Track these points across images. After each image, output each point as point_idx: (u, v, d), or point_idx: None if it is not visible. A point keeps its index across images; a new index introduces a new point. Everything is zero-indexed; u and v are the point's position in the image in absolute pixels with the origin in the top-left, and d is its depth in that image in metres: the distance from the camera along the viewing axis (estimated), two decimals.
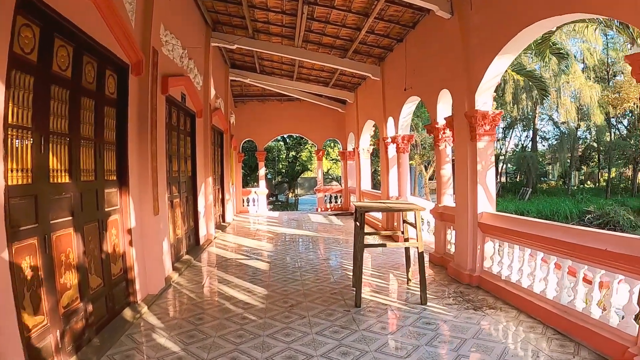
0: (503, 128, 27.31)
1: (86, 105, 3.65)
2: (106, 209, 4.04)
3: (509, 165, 30.55)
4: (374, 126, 11.48)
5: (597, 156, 28.21)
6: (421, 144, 14.17)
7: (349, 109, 13.26)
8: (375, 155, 14.64)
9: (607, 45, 24.98)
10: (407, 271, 5.17)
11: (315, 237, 9.06)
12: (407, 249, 5.19)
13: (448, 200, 6.25)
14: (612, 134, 26.26)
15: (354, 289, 4.89)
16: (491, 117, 5.15)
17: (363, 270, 4.65)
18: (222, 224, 10.88)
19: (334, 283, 5.25)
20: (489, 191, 5.22)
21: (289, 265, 6.26)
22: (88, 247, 3.62)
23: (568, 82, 22.55)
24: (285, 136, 28.12)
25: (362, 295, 4.50)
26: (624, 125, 27.44)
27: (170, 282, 5.37)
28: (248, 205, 14.56)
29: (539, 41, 9.40)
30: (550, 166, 31.31)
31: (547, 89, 14.74)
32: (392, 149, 8.70)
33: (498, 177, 25.31)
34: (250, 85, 13.11)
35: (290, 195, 27.54)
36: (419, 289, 4.78)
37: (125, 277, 4.40)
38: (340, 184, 17.31)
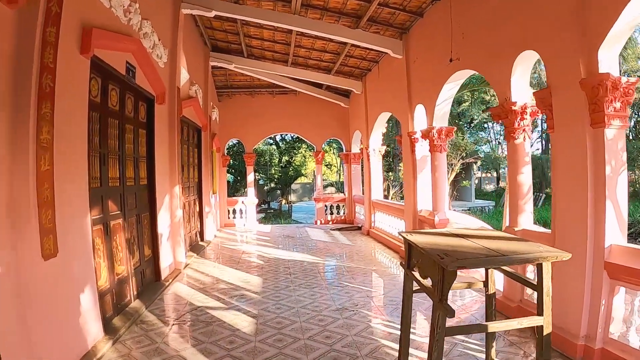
0: None
1: None
2: None
3: None
4: (387, 121, 9.41)
5: None
6: None
7: (354, 102, 11.14)
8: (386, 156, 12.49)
9: None
10: (489, 347, 3.06)
11: (319, 265, 6.89)
12: (490, 305, 3.07)
13: (527, 220, 4.19)
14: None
15: None
16: (623, 88, 3.13)
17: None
18: (199, 243, 8.70)
19: None
20: (621, 211, 3.17)
21: (287, 324, 4.09)
22: None
23: None
24: (277, 139, 26.05)
25: None
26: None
27: None
28: (234, 218, 12.37)
29: None
30: None
31: None
32: (421, 148, 6.62)
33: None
34: (237, 75, 11.00)
35: (283, 202, 25.27)
36: None
37: None
38: (342, 191, 15.18)
